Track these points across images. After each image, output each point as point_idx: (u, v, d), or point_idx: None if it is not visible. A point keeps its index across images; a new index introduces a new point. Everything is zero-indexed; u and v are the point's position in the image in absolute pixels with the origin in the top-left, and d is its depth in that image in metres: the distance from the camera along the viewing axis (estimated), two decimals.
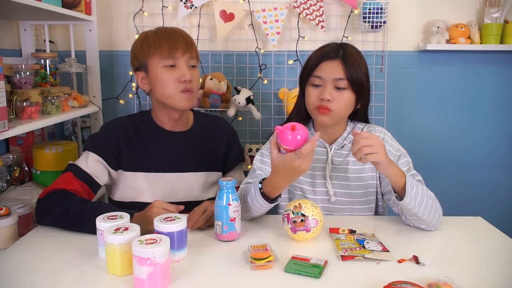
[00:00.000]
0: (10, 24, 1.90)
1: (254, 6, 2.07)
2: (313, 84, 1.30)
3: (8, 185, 1.64)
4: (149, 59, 1.32)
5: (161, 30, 1.34)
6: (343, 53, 1.27)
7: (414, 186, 1.13)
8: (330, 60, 1.27)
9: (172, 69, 1.31)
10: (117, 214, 1.05)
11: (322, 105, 1.27)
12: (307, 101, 1.32)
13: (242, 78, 2.16)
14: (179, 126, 1.43)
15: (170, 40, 1.30)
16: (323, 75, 1.27)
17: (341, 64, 1.26)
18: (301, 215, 1.11)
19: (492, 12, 2.09)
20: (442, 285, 0.87)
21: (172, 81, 1.31)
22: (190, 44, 1.34)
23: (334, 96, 1.26)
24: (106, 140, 1.35)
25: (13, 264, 1.01)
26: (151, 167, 1.38)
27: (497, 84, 2.24)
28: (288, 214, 1.12)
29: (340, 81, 1.26)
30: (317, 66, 1.29)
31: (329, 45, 1.32)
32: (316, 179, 1.37)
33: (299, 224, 1.10)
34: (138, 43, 1.35)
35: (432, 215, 1.17)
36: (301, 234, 1.11)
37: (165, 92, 1.32)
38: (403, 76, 2.21)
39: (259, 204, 1.18)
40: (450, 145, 2.28)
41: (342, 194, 1.35)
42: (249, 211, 1.23)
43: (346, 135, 1.37)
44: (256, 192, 1.17)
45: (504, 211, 2.31)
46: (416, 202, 1.13)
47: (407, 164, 1.30)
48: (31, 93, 1.48)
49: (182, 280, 0.94)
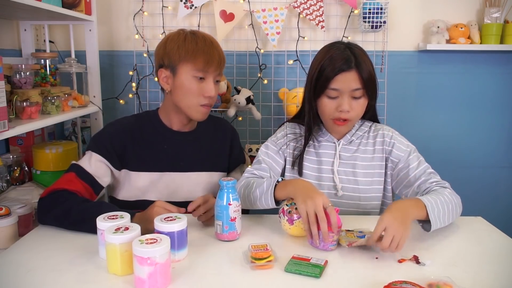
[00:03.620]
0: (10, 24, 1.90)
1: (254, 6, 2.07)
2: (329, 96, 1.30)
3: (8, 185, 1.63)
4: (181, 65, 1.31)
5: (200, 38, 1.32)
6: (355, 61, 1.26)
7: (435, 208, 1.12)
8: (346, 72, 1.26)
9: (200, 81, 1.32)
10: (118, 214, 1.05)
11: (341, 116, 1.29)
12: (323, 112, 1.33)
13: (242, 78, 2.16)
14: (186, 128, 1.44)
15: (207, 54, 1.30)
16: (341, 88, 1.27)
17: (357, 74, 1.26)
18: (295, 204, 1.12)
19: (492, 12, 2.09)
20: (442, 285, 0.87)
21: (197, 93, 1.32)
22: (223, 61, 1.35)
23: (352, 106, 1.28)
24: (110, 140, 1.35)
25: (13, 264, 1.01)
26: (156, 166, 1.38)
27: (497, 84, 2.24)
28: (283, 208, 1.15)
29: (357, 91, 1.28)
30: (332, 79, 1.27)
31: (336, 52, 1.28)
32: (322, 173, 1.39)
33: (294, 212, 1.12)
34: (175, 43, 1.32)
35: (454, 216, 1.20)
36: (299, 223, 1.12)
37: (187, 101, 1.33)
38: (403, 76, 2.21)
39: (265, 202, 1.21)
40: (450, 145, 2.28)
41: (349, 188, 1.37)
42: (251, 204, 1.25)
43: (354, 131, 1.40)
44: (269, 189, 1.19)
45: (504, 211, 2.31)
46: (440, 220, 1.14)
47: (418, 158, 1.34)
48: (31, 93, 1.48)
49: (183, 280, 0.94)
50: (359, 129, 1.40)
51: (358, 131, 1.40)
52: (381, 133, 1.40)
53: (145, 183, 1.37)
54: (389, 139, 1.38)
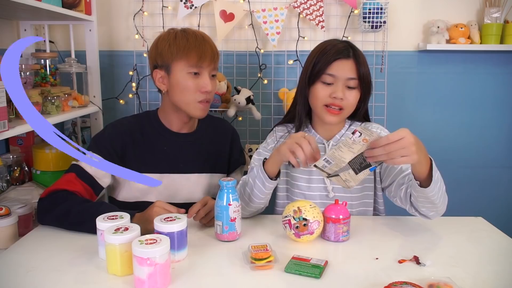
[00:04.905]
0: (10, 24, 1.90)
1: (254, 6, 2.07)
2: (324, 81, 1.30)
3: (8, 185, 1.63)
4: (175, 63, 1.31)
5: (191, 35, 1.32)
6: (353, 52, 1.29)
7: (436, 171, 1.10)
8: (344, 59, 1.28)
9: (195, 77, 1.31)
10: (117, 214, 1.05)
11: (334, 103, 1.28)
12: (316, 98, 1.32)
13: (242, 78, 2.16)
14: (186, 128, 1.44)
15: (199, 48, 1.30)
16: (337, 74, 1.28)
17: (354, 64, 1.28)
18: (303, 220, 1.10)
19: (492, 12, 2.09)
20: (442, 285, 0.87)
21: (193, 89, 1.31)
22: (216, 55, 1.35)
23: (345, 95, 1.28)
24: (110, 141, 1.35)
25: (13, 264, 1.01)
26: (156, 167, 1.38)
27: (497, 84, 2.24)
28: (289, 220, 1.11)
29: (352, 80, 1.28)
30: (330, 64, 1.29)
31: (334, 44, 1.32)
32: (312, 175, 1.38)
33: (302, 229, 1.10)
34: (166, 42, 1.32)
35: (443, 201, 1.17)
36: (305, 238, 1.11)
37: (184, 98, 1.32)
38: (403, 76, 2.21)
39: (260, 181, 1.21)
40: (450, 145, 2.28)
41: (340, 190, 1.36)
42: (250, 197, 1.24)
43: (343, 132, 1.39)
44: (259, 170, 1.20)
45: (504, 211, 2.31)
46: (436, 188, 1.10)
47: None
48: (31, 93, 1.48)
49: (182, 280, 0.94)
50: (348, 129, 1.40)
51: (347, 131, 1.39)
52: None
53: (145, 185, 1.37)
54: None
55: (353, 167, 1.05)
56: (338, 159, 1.04)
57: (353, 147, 1.01)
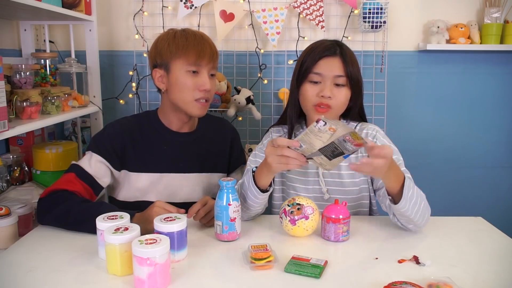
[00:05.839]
0: (10, 24, 1.90)
1: (254, 6, 2.07)
2: (311, 81, 1.29)
3: (8, 185, 1.63)
4: (174, 61, 1.31)
5: (190, 34, 1.33)
6: (340, 50, 1.29)
7: (410, 188, 1.10)
8: (330, 57, 1.28)
9: (194, 76, 1.32)
10: (117, 214, 1.05)
11: (322, 102, 1.27)
12: (304, 98, 1.31)
13: (242, 78, 2.16)
14: (186, 128, 1.44)
15: (198, 47, 1.30)
16: (323, 72, 1.27)
17: (341, 61, 1.27)
18: (297, 205, 1.14)
19: (492, 12, 2.09)
20: (442, 285, 0.87)
21: (192, 88, 1.31)
22: (215, 54, 1.35)
23: (334, 93, 1.27)
24: (110, 140, 1.35)
25: (13, 264, 1.01)
26: (155, 167, 1.38)
27: (497, 84, 2.24)
28: (284, 209, 1.15)
29: (339, 78, 1.27)
30: (316, 63, 1.28)
31: (322, 42, 1.32)
32: (308, 177, 1.38)
33: (296, 212, 1.13)
34: (165, 41, 1.33)
35: (422, 216, 1.15)
36: (301, 223, 1.12)
37: (182, 97, 1.33)
38: (403, 76, 2.21)
39: (252, 194, 1.19)
40: (450, 145, 2.28)
41: (336, 191, 1.36)
42: (246, 205, 1.22)
43: None
44: (251, 185, 1.18)
45: (504, 211, 2.30)
46: (410, 205, 1.10)
47: (398, 161, 1.28)
48: (31, 93, 1.48)
49: (182, 280, 0.94)
50: None
51: None
52: (365, 132, 1.35)
53: (145, 184, 1.37)
54: (371, 138, 1.33)
55: (324, 154, 1.05)
56: (308, 144, 1.04)
57: (320, 136, 1.01)
